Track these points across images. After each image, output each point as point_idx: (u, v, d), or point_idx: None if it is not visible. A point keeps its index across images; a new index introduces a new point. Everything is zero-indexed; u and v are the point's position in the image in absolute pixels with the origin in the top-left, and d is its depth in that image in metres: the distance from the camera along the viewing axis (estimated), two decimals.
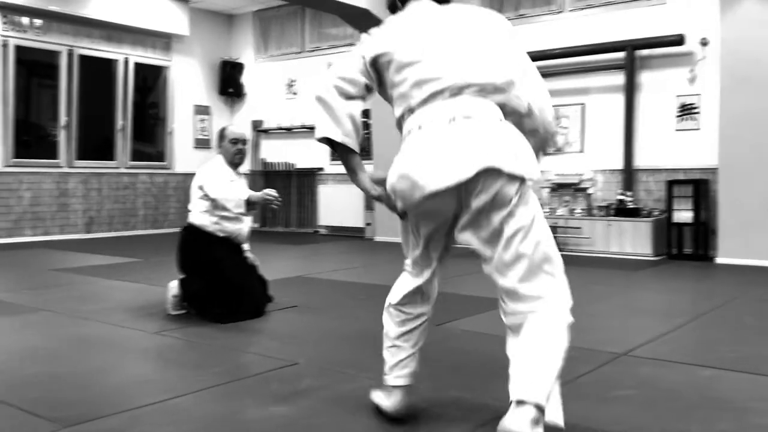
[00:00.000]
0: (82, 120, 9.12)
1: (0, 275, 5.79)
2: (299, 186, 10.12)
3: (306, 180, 10.11)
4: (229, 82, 10.66)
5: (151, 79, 10.12)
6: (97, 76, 9.38)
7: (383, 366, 2.30)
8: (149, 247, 7.98)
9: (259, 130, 10.60)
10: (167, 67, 10.13)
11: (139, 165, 9.79)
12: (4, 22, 8.36)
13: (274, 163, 10.44)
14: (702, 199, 6.74)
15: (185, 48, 10.28)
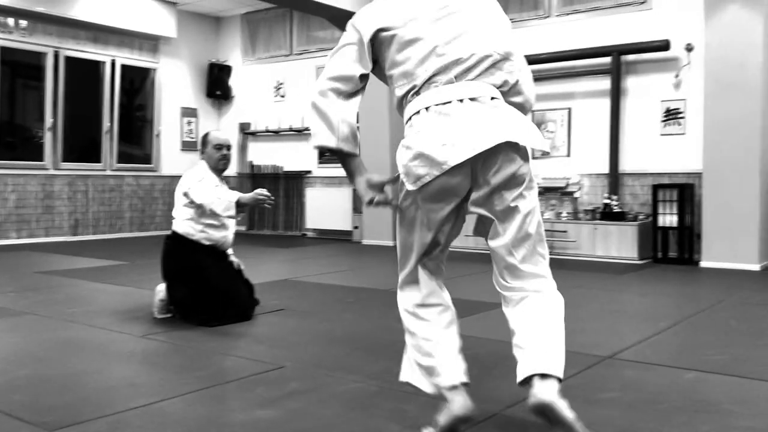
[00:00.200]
0: (67, 122, 9.06)
1: None
2: (287, 189, 10.11)
3: (293, 183, 10.10)
4: (217, 85, 10.64)
5: (138, 81, 10.08)
6: (83, 78, 9.33)
7: (425, 379, 2.12)
8: (135, 249, 7.94)
9: (246, 133, 10.58)
10: (154, 69, 10.09)
11: (125, 167, 9.74)
12: None
13: (262, 166, 10.41)
14: (687, 203, 6.79)
15: (173, 50, 10.25)
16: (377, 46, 2.11)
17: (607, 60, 7.37)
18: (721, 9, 6.33)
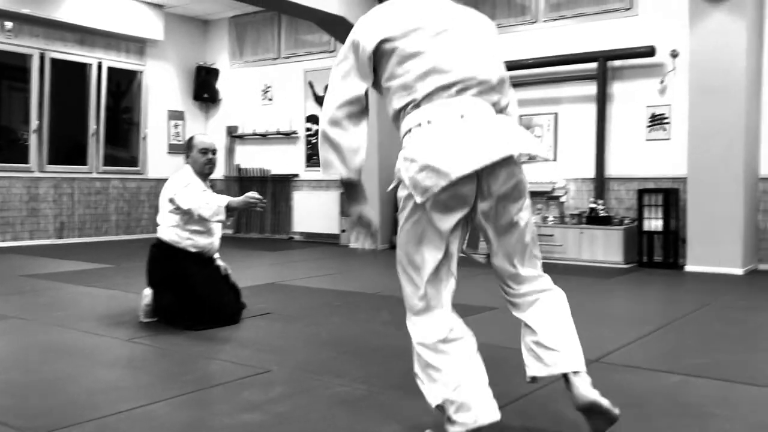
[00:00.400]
0: (53, 124, 9.00)
1: None
2: (274, 192, 10.09)
3: (281, 186, 10.08)
4: (204, 88, 10.61)
5: (125, 83, 10.04)
6: (69, 80, 9.28)
7: (454, 417, 1.98)
8: (121, 253, 7.90)
9: (233, 136, 10.55)
10: (141, 72, 10.04)
11: (111, 170, 9.69)
12: None
13: (249, 169, 10.39)
14: (672, 207, 6.85)
15: (160, 53, 10.21)
16: (377, 58, 2.10)
17: (593, 65, 7.42)
18: (705, 16, 6.40)
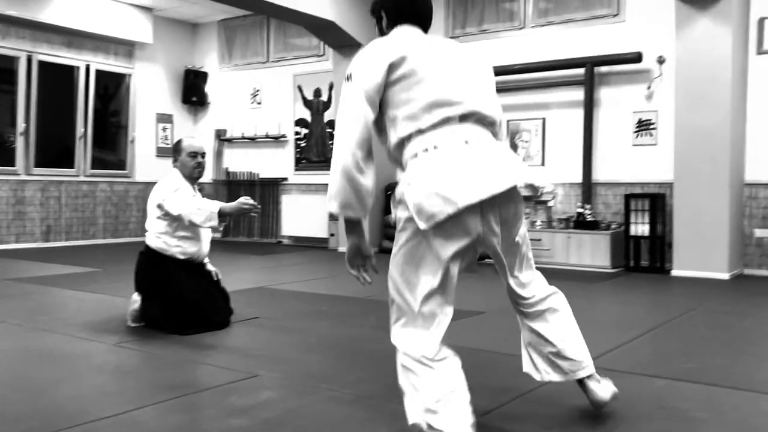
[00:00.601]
0: (40, 127, 8.96)
1: None
2: (263, 196, 10.07)
3: (269, 189, 10.07)
4: (193, 91, 10.58)
5: (113, 86, 10.00)
6: (57, 83, 9.24)
7: (442, 421, 1.96)
8: (109, 256, 7.86)
9: (222, 139, 10.53)
10: (129, 75, 10.01)
11: (99, 173, 9.64)
12: None
13: (238, 173, 10.37)
14: (658, 212, 6.90)
15: (148, 56, 10.18)
16: (383, 89, 2.13)
17: (580, 71, 7.46)
18: (691, 23, 6.45)
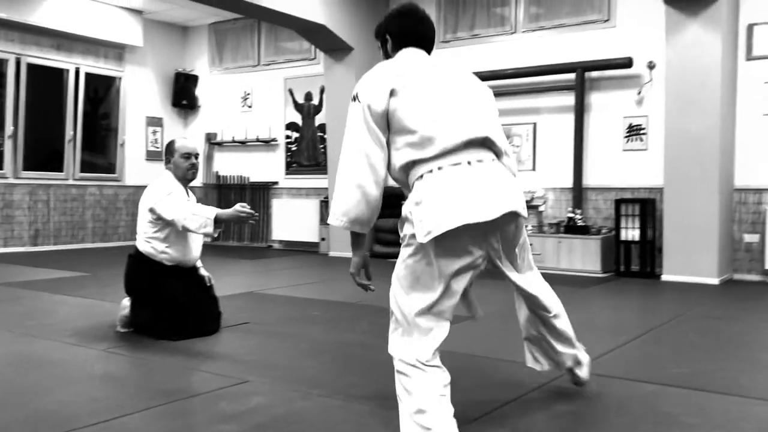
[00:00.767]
0: (29, 130, 8.90)
1: None
2: (253, 199, 10.05)
3: (260, 193, 10.05)
4: (183, 94, 10.55)
5: (103, 89, 9.95)
6: (46, 86, 9.18)
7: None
8: (98, 261, 7.81)
9: (212, 143, 10.50)
10: (119, 78, 9.97)
11: (88, 177, 9.58)
12: None
13: (228, 177, 10.35)
14: (649, 217, 6.92)
15: (138, 59, 10.15)
16: (387, 113, 2.19)
17: (571, 76, 7.49)
18: (681, 28, 6.49)
